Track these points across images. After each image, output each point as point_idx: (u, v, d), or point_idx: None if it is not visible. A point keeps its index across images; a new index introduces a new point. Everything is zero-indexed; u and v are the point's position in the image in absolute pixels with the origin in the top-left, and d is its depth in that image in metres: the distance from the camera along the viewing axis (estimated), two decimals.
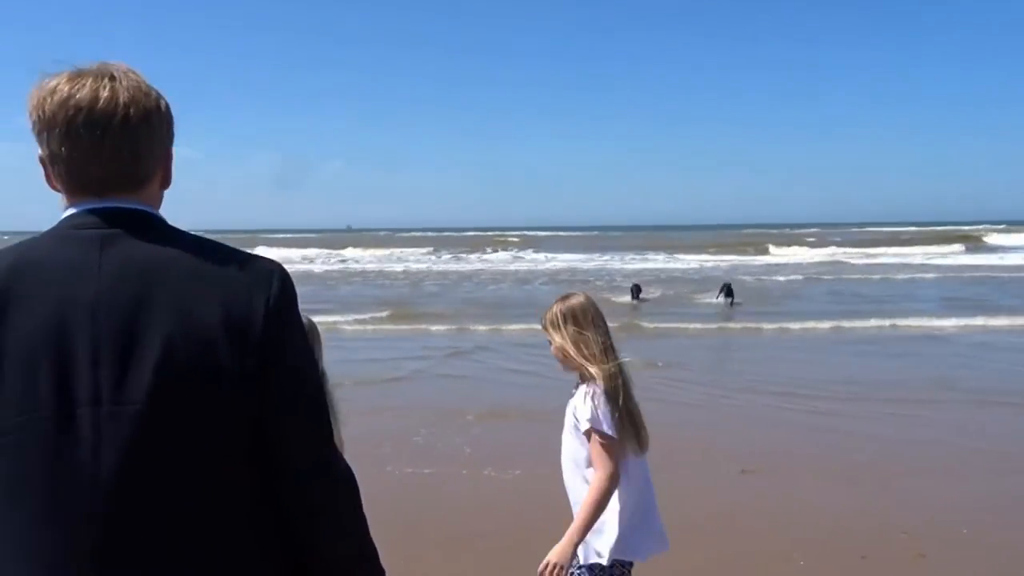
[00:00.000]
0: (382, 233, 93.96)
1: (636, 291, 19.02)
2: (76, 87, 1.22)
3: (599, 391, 2.67)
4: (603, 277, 27.98)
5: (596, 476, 2.63)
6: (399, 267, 34.63)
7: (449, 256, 42.90)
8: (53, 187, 1.30)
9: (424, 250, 46.47)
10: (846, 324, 14.37)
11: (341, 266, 36.02)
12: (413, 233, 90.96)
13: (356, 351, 11.88)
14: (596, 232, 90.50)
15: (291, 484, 1.28)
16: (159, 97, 1.30)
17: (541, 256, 41.51)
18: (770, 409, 8.10)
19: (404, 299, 20.07)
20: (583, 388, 2.73)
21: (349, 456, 2.53)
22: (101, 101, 1.21)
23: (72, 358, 1.15)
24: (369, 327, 14.97)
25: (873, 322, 14.50)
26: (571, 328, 2.74)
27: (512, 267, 34.52)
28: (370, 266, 35.87)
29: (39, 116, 1.23)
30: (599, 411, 2.65)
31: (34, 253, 1.22)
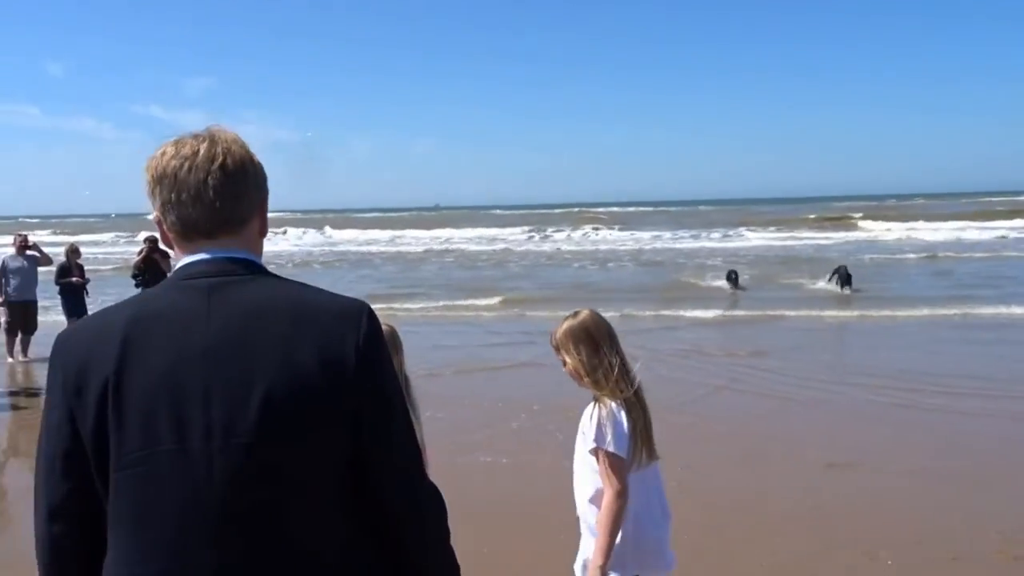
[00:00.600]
0: (469, 211, 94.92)
1: (734, 278, 17.67)
2: (180, 146, 1.41)
3: (606, 410, 2.67)
4: (692, 257, 27.52)
5: (605, 496, 2.63)
6: (493, 247, 34.93)
7: (538, 236, 42.85)
8: (167, 243, 1.47)
9: (513, 229, 46.49)
10: (958, 311, 13.46)
11: (439, 247, 36.32)
12: (498, 211, 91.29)
13: (460, 337, 12.17)
14: (683, 207, 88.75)
15: (384, 507, 1.40)
16: (252, 153, 1.46)
17: (626, 235, 41.01)
18: (865, 402, 7.89)
19: (509, 283, 20.06)
20: (590, 406, 2.74)
21: (444, 446, 2.70)
22: (201, 152, 1.39)
23: (186, 399, 1.30)
24: (474, 313, 15.10)
25: (987, 309, 13.59)
26: (583, 347, 2.71)
27: (602, 247, 34.25)
28: (461, 246, 36.39)
29: (151, 175, 1.41)
30: (605, 430, 2.64)
31: (153, 303, 1.38)
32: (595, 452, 2.67)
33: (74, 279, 11.50)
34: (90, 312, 11.60)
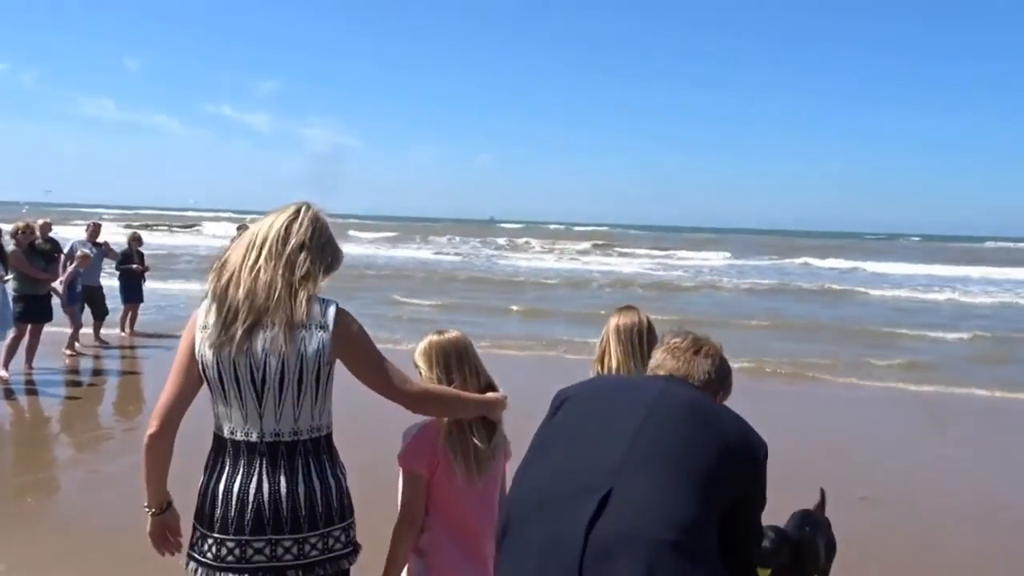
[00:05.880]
0: (529, 225, 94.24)
1: None
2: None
3: None
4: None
5: None
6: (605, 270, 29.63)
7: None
8: None
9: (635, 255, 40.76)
10: None
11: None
12: (555, 226, 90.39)
13: None
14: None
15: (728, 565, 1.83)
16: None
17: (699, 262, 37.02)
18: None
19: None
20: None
21: None
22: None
23: (617, 429, 1.92)
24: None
25: None
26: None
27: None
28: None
29: None
30: None
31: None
32: None
33: (134, 266, 11.86)
34: (145, 297, 11.92)
